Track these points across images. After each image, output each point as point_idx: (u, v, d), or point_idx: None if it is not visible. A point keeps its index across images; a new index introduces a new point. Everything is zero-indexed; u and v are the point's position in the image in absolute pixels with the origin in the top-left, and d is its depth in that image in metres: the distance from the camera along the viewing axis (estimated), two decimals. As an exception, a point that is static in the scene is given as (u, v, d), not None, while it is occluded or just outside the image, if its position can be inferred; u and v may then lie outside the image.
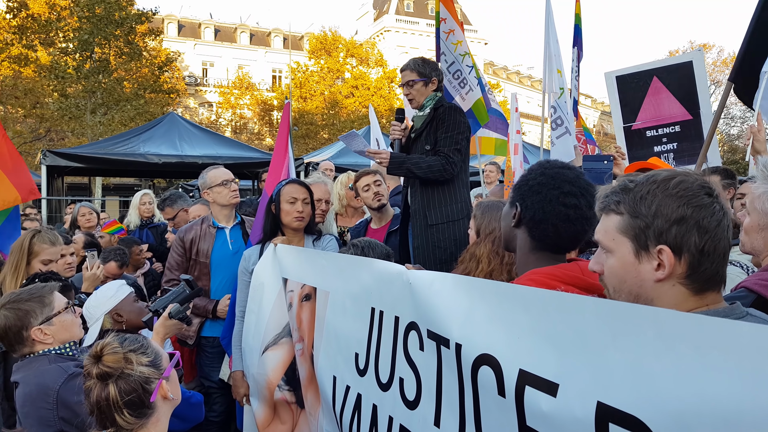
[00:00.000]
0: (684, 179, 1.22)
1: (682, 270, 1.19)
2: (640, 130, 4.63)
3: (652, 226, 1.20)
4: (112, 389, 1.62)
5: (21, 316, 2.09)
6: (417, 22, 51.57)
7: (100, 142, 12.35)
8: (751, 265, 2.23)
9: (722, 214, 1.20)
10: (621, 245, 1.25)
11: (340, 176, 4.63)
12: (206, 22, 48.04)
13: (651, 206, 1.21)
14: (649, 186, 1.23)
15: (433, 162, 3.20)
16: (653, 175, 1.26)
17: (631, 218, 1.24)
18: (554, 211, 1.62)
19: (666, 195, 1.21)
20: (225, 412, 3.64)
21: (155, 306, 2.58)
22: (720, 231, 1.19)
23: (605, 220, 1.30)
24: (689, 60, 4.38)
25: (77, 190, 19.54)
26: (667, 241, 1.19)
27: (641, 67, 4.65)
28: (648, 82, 4.56)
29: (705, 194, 1.21)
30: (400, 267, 1.90)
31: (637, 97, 4.61)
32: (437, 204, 3.28)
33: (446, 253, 3.22)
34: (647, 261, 1.21)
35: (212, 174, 3.64)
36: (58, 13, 19.91)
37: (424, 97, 3.41)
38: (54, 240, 3.15)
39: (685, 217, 1.18)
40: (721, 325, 0.88)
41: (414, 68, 3.41)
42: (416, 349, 1.72)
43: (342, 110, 33.15)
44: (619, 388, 1.01)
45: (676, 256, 1.18)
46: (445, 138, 3.24)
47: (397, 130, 3.47)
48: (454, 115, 3.28)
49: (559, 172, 1.68)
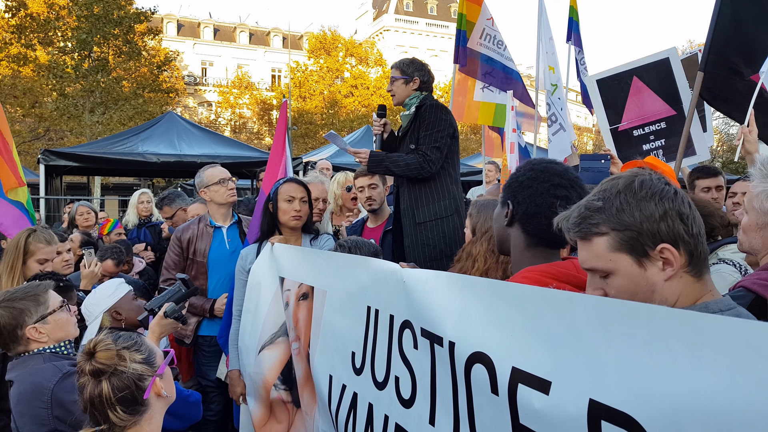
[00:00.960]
0: (643, 179, 1.27)
1: (684, 259, 1.22)
2: (626, 130, 4.65)
3: (643, 231, 1.22)
4: (105, 386, 1.62)
5: (16, 315, 2.09)
6: (416, 21, 51.55)
7: (99, 141, 12.33)
8: (744, 263, 2.23)
9: (684, 195, 1.27)
10: (620, 262, 1.25)
11: (337, 175, 4.61)
12: (205, 22, 48.04)
13: (633, 214, 1.23)
14: (619, 198, 1.26)
15: (411, 160, 3.24)
16: (612, 187, 1.28)
17: (619, 233, 1.24)
18: (546, 203, 1.63)
19: (639, 199, 1.24)
20: (222, 411, 3.64)
21: (150, 305, 2.58)
22: (694, 212, 1.25)
23: (591, 247, 1.29)
24: (666, 57, 4.42)
25: (76, 189, 19.50)
26: (663, 238, 1.21)
27: (620, 69, 4.67)
28: (629, 83, 4.58)
29: (665, 184, 1.26)
30: (394, 265, 1.89)
31: (619, 99, 4.64)
32: (425, 202, 3.30)
33: (436, 251, 3.24)
34: (651, 265, 1.23)
35: (209, 173, 3.63)
36: (56, 13, 19.89)
37: (405, 96, 3.45)
38: (49, 239, 3.14)
39: (666, 211, 1.22)
40: (713, 322, 0.88)
41: (398, 67, 3.49)
42: (410, 347, 1.72)
43: (341, 110, 33.16)
44: (612, 385, 1.00)
45: (676, 248, 1.21)
46: (424, 136, 3.28)
47: (377, 125, 3.53)
48: (436, 113, 3.31)
49: (548, 167, 1.70)
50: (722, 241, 2.44)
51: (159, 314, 2.50)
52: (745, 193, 1.93)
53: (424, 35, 51.42)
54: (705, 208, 2.49)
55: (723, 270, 2.28)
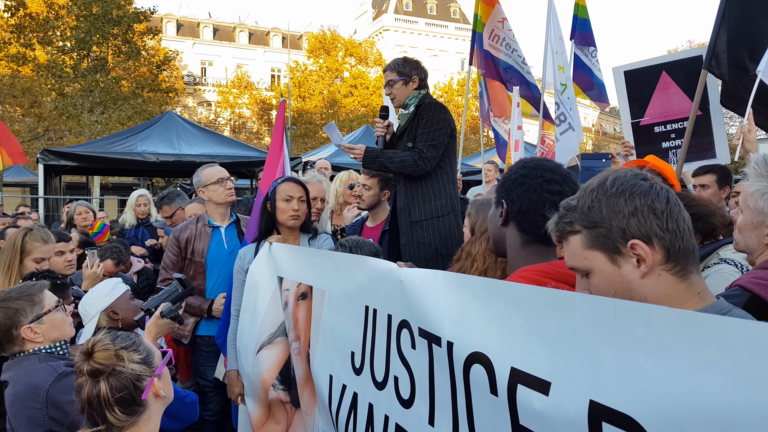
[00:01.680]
0: (617, 176, 1.26)
1: (660, 256, 1.20)
2: (648, 125, 4.57)
3: (613, 227, 1.21)
4: (104, 386, 1.61)
5: (10, 315, 2.07)
6: (416, 21, 51.55)
7: (98, 141, 12.31)
8: (745, 263, 2.22)
9: (666, 191, 1.23)
10: (595, 260, 1.25)
11: (341, 174, 4.62)
12: (205, 21, 48.02)
13: (602, 211, 1.23)
14: (591, 195, 1.26)
15: (406, 157, 3.23)
16: (587, 186, 1.29)
17: (590, 231, 1.25)
18: (540, 198, 1.63)
19: (609, 196, 1.23)
20: (220, 412, 3.63)
21: (147, 305, 2.57)
22: (673, 207, 1.21)
23: (568, 246, 1.31)
24: (699, 54, 4.29)
25: (75, 189, 19.50)
26: (633, 234, 1.20)
27: (650, 62, 4.59)
28: (657, 77, 4.49)
29: (641, 181, 1.24)
30: (392, 265, 1.88)
31: (645, 93, 4.55)
32: (421, 200, 3.29)
33: (431, 250, 3.23)
34: (625, 262, 1.21)
35: (207, 172, 3.62)
36: (56, 12, 19.87)
37: (406, 96, 3.44)
38: (46, 238, 3.14)
39: (637, 207, 1.20)
40: (713, 322, 0.87)
41: (394, 68, 3.46)
42: (408, 347, 1.70)
43: (341, 109, 33.15)
44: (612, 386, 0.99)
45: (648, 244, 1.19)
46: (422, 134, 3.27)
47: (380, 126, 3.51)
48: (434, 112, 3.31)
49: (539, 163, 1.71)
50: (723, 241, 2.43)
51: (156, 314, 2.49)
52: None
53: (424, 35, 51.42)
54: (706, 207, 2.48)
55: (724, 270, 2.27)
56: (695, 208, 2.42)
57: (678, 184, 3.36)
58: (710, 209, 2.49)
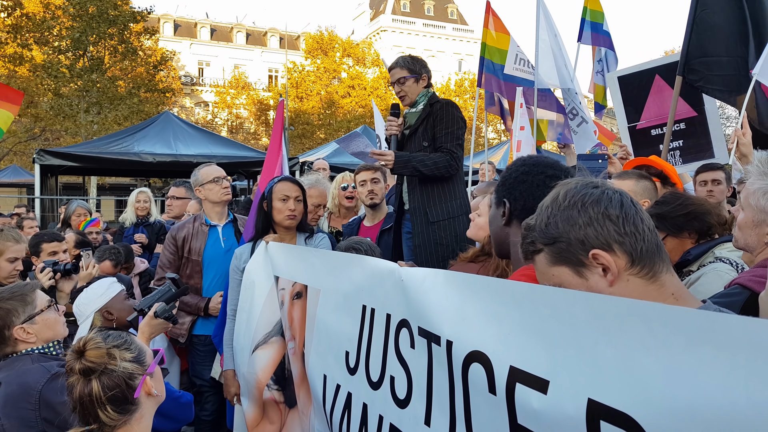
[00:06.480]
0: (566, 188, 1.25)
1: (623, 261, 1.18)
2: (645, 129, 4.59)
3: (571, 240, 1.20)
4: (95, 385, 1.60)
5: (3, 315, 2.06)
6: (413, 22, 51.60)
7: (94, 141, 12.28)
8: (740, 261, 2.21)
9: (618, 194, 1.22)
10: (562, 275, 1.24)
11: (338, 176, 4.62)
12: (202, 22, 47.99)
13: (558, 226, 1.22)
14: (546, 212, 1.26)
15: (439, 159, 3.20)
16: (542, 203, 1.29)
17: (551, 247, 1.24)
18: (543, 194, 1.61)
19: (562, 209, 1.23)
20: (217, 411, 3.61)
21: (140, 305, 2.55)
22: (628, 209, 1.20)
23: (536, 266, 1.31)
24: None
25: (72, 189, 19.43)
26: (592, 243, 1.18)
27: (643, 66, 4.62)
28: (650, 81, 4.53)
29: (592, 188, 1.23)
30: (392, 264, 1.87)
31: (640, 97, 4.58)
32: (438, 201, 3.27)
33: (448, 250, 3.20)
34: (591, 273, 1.20)
35: (204, 171, 3.62)
36: (52, 12, 19.83)
37: (416, 94, 3.41)
38: (18, 237, 3.17)
39: (591, 216, 1.19)
40: (713, 320, 0.86)
41: (404, 65, 3.41)
42: (407, 346, 1.69)
43: (338, 110, 33.16)
44: (611, 385, 0.98)
45: (609, 251, 1.17)
46: (446, 134, 3.24)
47: (395, 125, 3.45)
48: (451, 111, 3.29)
49: (539, 160, 1.70)
50: (719, 240, 2.42)
51: (149, 314, 2.47)
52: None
53: (421, 35, 51.47)
54: (702, 206, 2.47)
55: (720, 268, 2.26)
56: (691, 207, 2.42)
57: (680, 183, 3.36)
58: (706, 208, 2.48)
